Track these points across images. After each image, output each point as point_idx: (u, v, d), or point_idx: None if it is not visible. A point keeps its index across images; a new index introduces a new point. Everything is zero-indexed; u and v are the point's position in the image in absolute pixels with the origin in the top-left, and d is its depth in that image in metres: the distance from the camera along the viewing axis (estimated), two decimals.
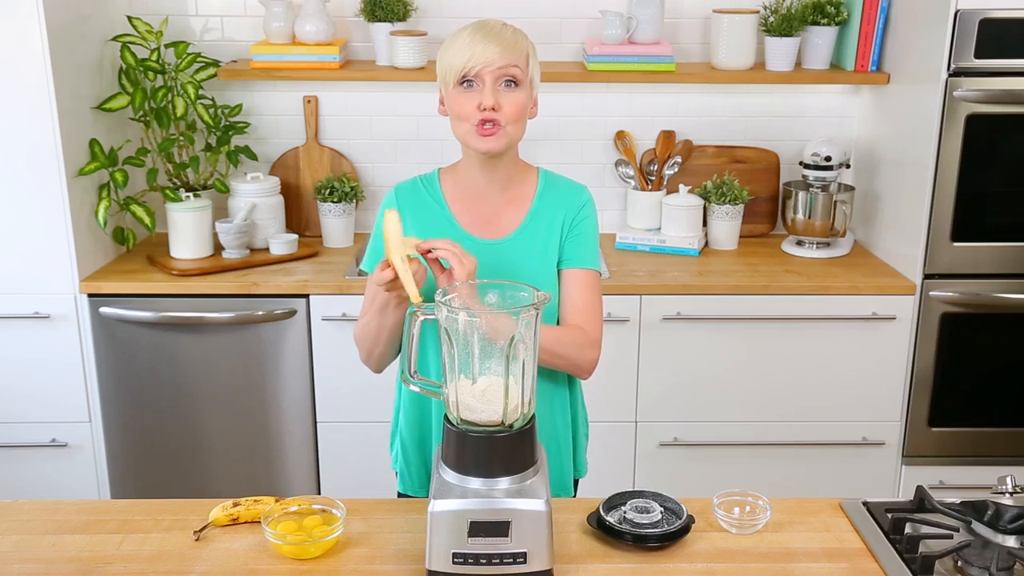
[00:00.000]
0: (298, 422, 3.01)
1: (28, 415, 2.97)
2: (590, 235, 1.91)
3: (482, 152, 1.80)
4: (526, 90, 1.80)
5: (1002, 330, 2.96)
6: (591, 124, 3.37)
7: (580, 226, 1.89)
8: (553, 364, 1.85)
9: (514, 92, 1.77)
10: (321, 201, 3.21)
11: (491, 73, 1.74)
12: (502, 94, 1.76)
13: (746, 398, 3.01)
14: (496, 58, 1.74)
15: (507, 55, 1.75)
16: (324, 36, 3.14)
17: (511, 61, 1.75)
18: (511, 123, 1.78)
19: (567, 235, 1.88)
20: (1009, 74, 2.77)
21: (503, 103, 1.76)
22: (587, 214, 1.91)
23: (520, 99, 1.78)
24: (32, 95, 2.74)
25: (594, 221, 1.92)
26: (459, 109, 1.78)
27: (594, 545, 1.66)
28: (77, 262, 2.87)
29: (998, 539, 1.62)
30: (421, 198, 1.91)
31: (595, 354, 1.89)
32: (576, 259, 1.89)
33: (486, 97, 1.75)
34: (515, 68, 1.76)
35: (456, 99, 1.78)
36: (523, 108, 1.79)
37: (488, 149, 1.79)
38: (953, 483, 3.06)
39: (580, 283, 1.88)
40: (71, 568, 1.60)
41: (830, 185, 3.20)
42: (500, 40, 1.75)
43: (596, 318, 1.89)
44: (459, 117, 1.79)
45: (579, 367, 1.89)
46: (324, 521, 1.66)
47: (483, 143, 1.78)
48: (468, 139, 1.80)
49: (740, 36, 3.15)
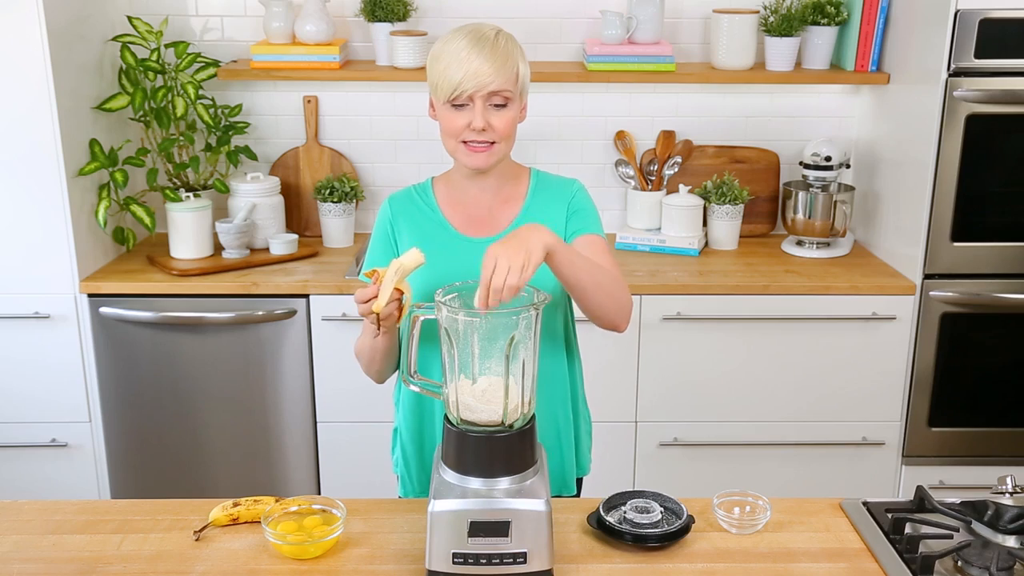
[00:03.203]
0: (298, 422, 3.01)
1: (28, 415, 2.97)
2: (589, 211, 1.91)
3: (471, 168, 1.83)
4: (516, 106, 1.81)
5: (1002, 330, 2.96)
6: (591, 124, 3.37)
7: (576, 205, 1.90)
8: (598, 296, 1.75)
9: (504, 111, 1.79)
10: (321, 201, 3.21)
11: (481, 97, 1.76)
12: (492, 113, 1.77)
13: (746, 398, 3.01)
14: (488, 81, 1.74)
15: (499, 77, 1.75)
16: (324, 36, 3.14)
17: (502, 84, 1.76)
18: (501, 140, 1.80)
19: (567, 219, 1.89)
20: (1009, 74, 2.77)
21: (493, 122, 1.78)
22: (580, 196, 1.92)
23: (510, 116, 1.80)
24: (32, 95, 2.74)
25: (589, 200, 1.92)
26: (448, 126, 1.80)
27: (594, 545, 1.66)
28: (77, 262, 2.87)
29: (998, 539, 1.63)
30: (414, 204, 1.92)
31: (631, 299, 1.83)
32: (581, 228, 1.88)
33: (476, 119, 1.76)
34: (506, 91, 1.77)
35: (446, 116, 1.79)
36: (513, 124, 1.81)
37: (477, 166, 1.82)
38: (953, 483, 3.06)
39: (590, 244, 1.85)
40: (71, 568, 1.60)
41: (830, 185, 3.20)
42: (492, 58, 1.75)
43: (618, 268, 1.85)
44: (448, 133, 1.81)
45: (619, 308, 1.80)
46: (324, 521, 1.66)
47: (472, 160, 1.81)
48: (457, 155, 1.83)
49: (740, 36, 3.15)
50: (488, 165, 1.82)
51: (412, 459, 1.96)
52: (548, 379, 1.89)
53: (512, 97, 1.79)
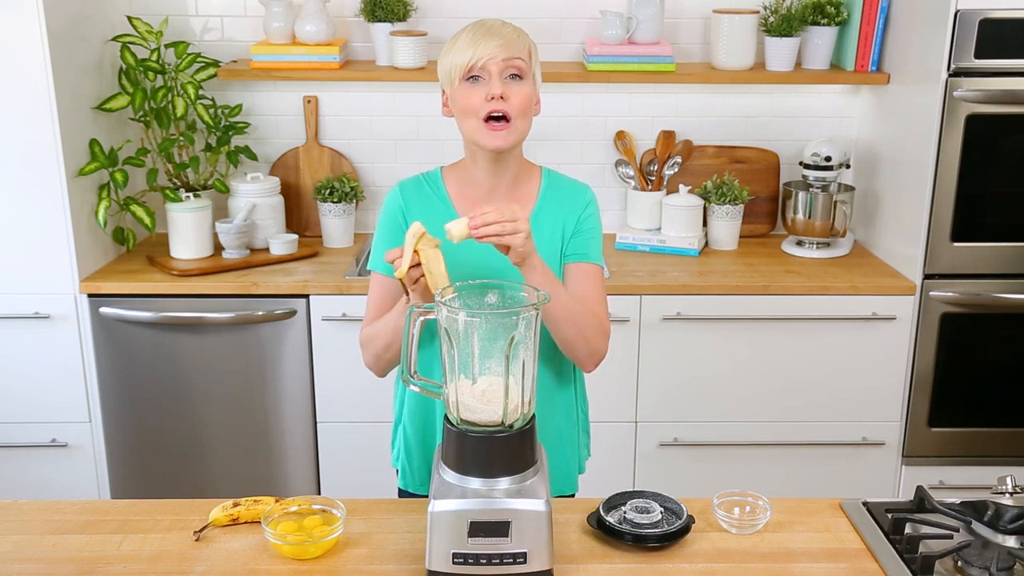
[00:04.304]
0: (298, 422, 3.01)
1: (28, 415, 2.97)
2: (595, 233, 1.91)
3: (491, 150, 1.81)
4: (531, 83, 1.81)
5: (1002, 330, 2.96)
6: (591, 124, 3.37)
7: (585, 223, 1.90)
8: (572, 338, 1.80)
9: (520, 84, 1.79)
10: (321, 201, 3.21)
11: (496, 65, 1.76)
12: (509, 85, 1.78)
13: (746, 398, 3.02)
14: (500, 51, 1.76)
15: (510, 48, 1.77)
16: (324, 36, 3.14)
17: (515, 53, 1.77)
18: (519, 116, 1.79)
19: (572, 233, 1.89)
20: (1009, 74, 2.77)
21: (510, 94, 1.77)
22: (591, 212, 1.91)
23: (526, 91, 1.80)
24: (32, 95, 2.74)
25: (598, 219, 1.93)
26: (466, 103, 1.79)
27: (594, 545, 1.66)
28: (77, 262, 2.87)
29: (998, 539, 1.63)
30: (425, 195, 1.91)
31: (606, 344, 1.87)
32: (581, 253, 1.89)
33: (493, 87, 1.76)
34: (519, 60, 1.78)
35: (462, 94, 1.79)
36: (529, 100, 1.81)
37: (497, 147, 1.80)
38: (953, 483, 3.06)
39: (587, 276, 1.88)
40: (71, 568, 1.60)
41: (830, 185, 3.20)
42: (502, 35, 1.78)
43: (605, 310, 1.89)
44: (467, 112, 1.79)
45: (592, 352, 1.85)
46: (324, 521, 1.66)
47: (492, 140, 1.79)
48: (477, 136, 1.80)
49: (740, 36, 3.15)
50: (508, 145, 1.80)
51: (415, 450, 1.96)
52: (549, 379, 1.89)
53: (526, 70, 1.79)
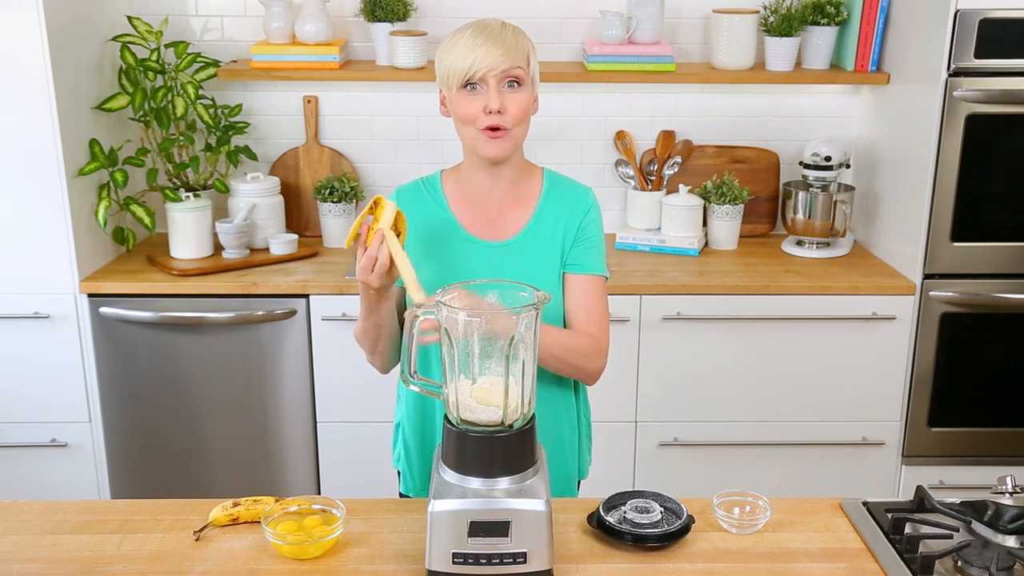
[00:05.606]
0: (298, 422, 3.01)
1: (28, 415, 2.97)
2: (597, 240, 1.90)
3: (489, 158, 1.80)
4: (529, 89, 1.80)
5: (1002, 330, 2.96)
6: (591, 124, 3.37)
7: (587, 230, 1.89)
8: (562, 371, 1.86)
9: (517, 92, 1.77)
10: (321, 201, 3.21)
11: (495, 76, 1.74)
12: (506, 95, 1.76)
13: (746, 398, 3.01)
14: (499, 61, 1.74)
15: (509, 57, 1.75)
16: (324, 36, 3.14)
17: (514, 63, 1.75)
18: (516, 125, 1.78)
19: (574, 240, 1.88)
20: (1009, 74, 2.77)
21: (508, 104, 1.76)
22: (593, 217, 1.90)
23: (524, 99, 1.78)
24: (32, 95, 2.73)
25: (600, 225, 1.92)
26: (463, 113, 1.78)
27: (594, 545, 1.66)
28: (77, 262, 2.87)
29: (998, 539, 1.62)
30: (423, 201, 1.90)
31: (603, 362, 1.89)
32: (584, 265, 1.88)
33: (492, 100, 1.74)
34: (518, 69, 1.76)
35: (460, 103, 1.78)
36: (527, 107, 1.80)
37: (495, 156, 1.79)
38: (953, 483, 3.06)
39: (588, 288, 1.88)
40: (71, 568, 1.60)
41: (830, 185, 3.20)
42: (501, 42, 1.75)
43: (605, 325, 1.89)
44: (464, 121, 1.79)
45: (588, 374, 1.89)
46: (324, 521, 1.66)
47: (490, 149, 1.78)
48: (475, 145, 1.80)
49: (740, 36, 3.15)
50: (506, 153, 1.80)
51: (414, 454, 1.96)
52: (552, 385, 1.89)
53: (524, 78, 1.78)
